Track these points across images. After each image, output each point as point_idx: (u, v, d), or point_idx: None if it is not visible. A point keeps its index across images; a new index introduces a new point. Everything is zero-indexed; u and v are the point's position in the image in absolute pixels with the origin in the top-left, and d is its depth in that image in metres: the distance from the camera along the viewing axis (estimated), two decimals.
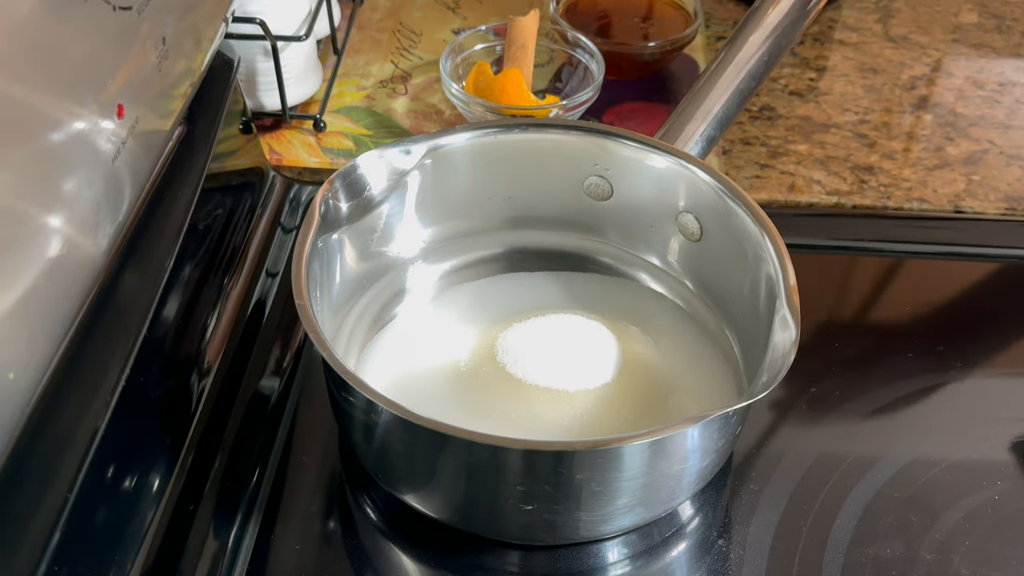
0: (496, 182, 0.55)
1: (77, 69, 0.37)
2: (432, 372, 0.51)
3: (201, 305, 0.51)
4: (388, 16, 0.82)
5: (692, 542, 0.48)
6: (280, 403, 0.53)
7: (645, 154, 0.51)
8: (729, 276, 0.50)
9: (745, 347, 0.49)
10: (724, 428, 0.43)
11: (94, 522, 0.40)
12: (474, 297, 0.55)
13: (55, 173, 0.36)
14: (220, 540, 0.47)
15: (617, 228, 0.55)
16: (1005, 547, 0.47)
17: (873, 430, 0.53)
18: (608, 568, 0.47)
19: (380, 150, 0.50)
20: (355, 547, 0.48)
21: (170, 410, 0.48)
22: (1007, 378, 0.56)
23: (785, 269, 0.43)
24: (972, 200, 0.66)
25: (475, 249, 0.56)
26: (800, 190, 0.66)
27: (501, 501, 0.42)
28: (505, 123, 0.54)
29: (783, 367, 0.38)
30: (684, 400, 0.49)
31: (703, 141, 0.52)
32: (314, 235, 0.46)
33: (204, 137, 0.52)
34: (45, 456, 0.36)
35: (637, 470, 0.40)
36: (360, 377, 0.40)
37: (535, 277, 0.56)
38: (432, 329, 0.53)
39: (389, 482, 0.46)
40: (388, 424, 0.42)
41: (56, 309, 0.36)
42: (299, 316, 0.42)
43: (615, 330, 0.51)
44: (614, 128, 0.52)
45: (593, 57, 0.68)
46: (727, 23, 0.81)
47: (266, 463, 0.50)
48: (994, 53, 0.79)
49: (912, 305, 0.60)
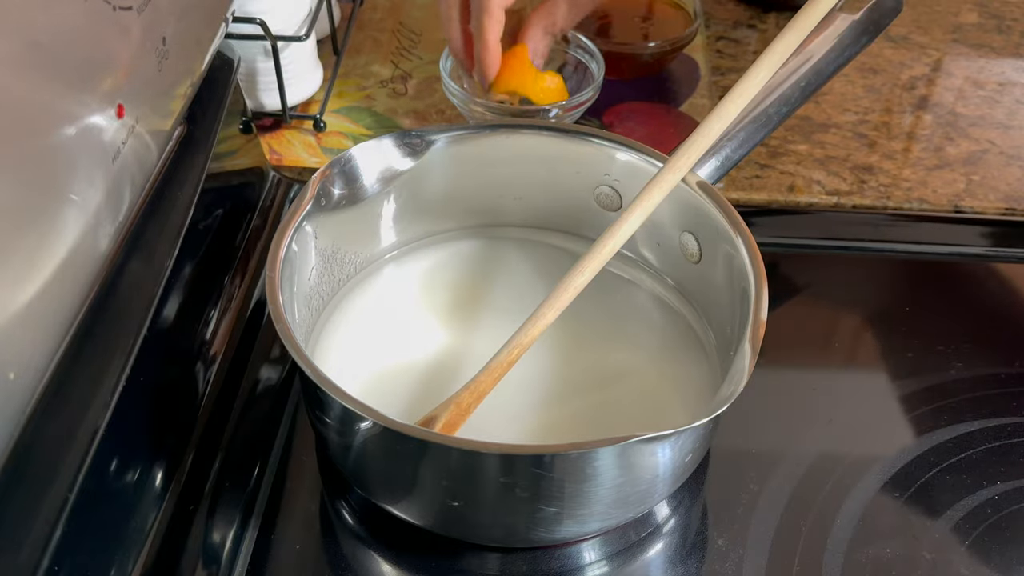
0: (496, 182, 0.55)
1: (77, 69, 0.37)
2: (407, 372, 0.51)
3: (201, 305, 0.51)
4: (388, 16, 0.82)
5: (675, 542, 0.48)
6: (280, 403, 0.53)
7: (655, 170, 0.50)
8: (720, 300, 0.49)
9: (725, 367, 0.49)
10: (676, 442, 0.42)
11: (94, 522, 0.40)
12: (455, 296, 0.55)
13: (55, 173, 0.36)
14: (220, 540, 0.47)
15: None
16: (1005, 547, 0.47)
17: (873, 430, 0.53)
18: (586, 568, 0.47)
19: (377, 141, 0.50)
20: (356, 547, 0.48)
21: (170, 410, 0.48)
22: (1007, 378, 0.56)
23: (760, 303, 0.43)
24: (972, 200, 0.66)
25: (458, 247, 0.57)
26: (800, 190, 0.66)
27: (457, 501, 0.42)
28: (507, 123, 0.54)
29: (729, 398, 0.38)
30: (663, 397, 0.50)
31: (717, 162, 0.51)
32: (302, 217, 0.46)
33: (204, 137, 0.52)
34: (45, 456, 0.36)
35: (608, 474, 0.40)
36: (330, 377, 0.40)
37: (517, 275, 0.56)
38: (407, 327, 0.53)
39: (365, 489, 0.46)
40: (361, 427, 0.42)
41: (56, 309, 0.36)
42: (267, 296, 0.42)
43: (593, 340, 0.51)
44: (626, 139, 0.52)
45: (593, 57, 0.68)
46: (727, 23, 0.81)
47: (266, 463, 0.50)
48: (994, 53, 0.79)
49: (912, 305, 0.60)
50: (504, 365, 0.45)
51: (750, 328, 0.42)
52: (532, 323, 0.46)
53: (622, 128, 0.70)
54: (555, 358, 0.51)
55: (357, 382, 0.49)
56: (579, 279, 0.46)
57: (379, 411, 0.39)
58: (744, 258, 0.45)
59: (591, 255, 0.46)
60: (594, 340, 0.52)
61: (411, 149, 0.51)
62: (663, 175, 0.47)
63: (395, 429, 0.39)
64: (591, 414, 0.49)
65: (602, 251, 0.46)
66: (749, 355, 0.40)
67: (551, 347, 0.51)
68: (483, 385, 0.45)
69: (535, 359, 0.49)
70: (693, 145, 0.47)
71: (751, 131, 0.51)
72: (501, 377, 0.45)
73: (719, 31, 0.81)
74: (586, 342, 0.52)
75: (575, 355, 0.51)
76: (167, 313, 0.47)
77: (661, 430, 0.37)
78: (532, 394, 0.49)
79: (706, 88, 0.75)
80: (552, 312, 0.46)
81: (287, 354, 0.56)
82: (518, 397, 0.48)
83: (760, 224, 0.64)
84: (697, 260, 0.51)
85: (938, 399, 0.54)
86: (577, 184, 0.54)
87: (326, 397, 0.40)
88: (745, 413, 0.51)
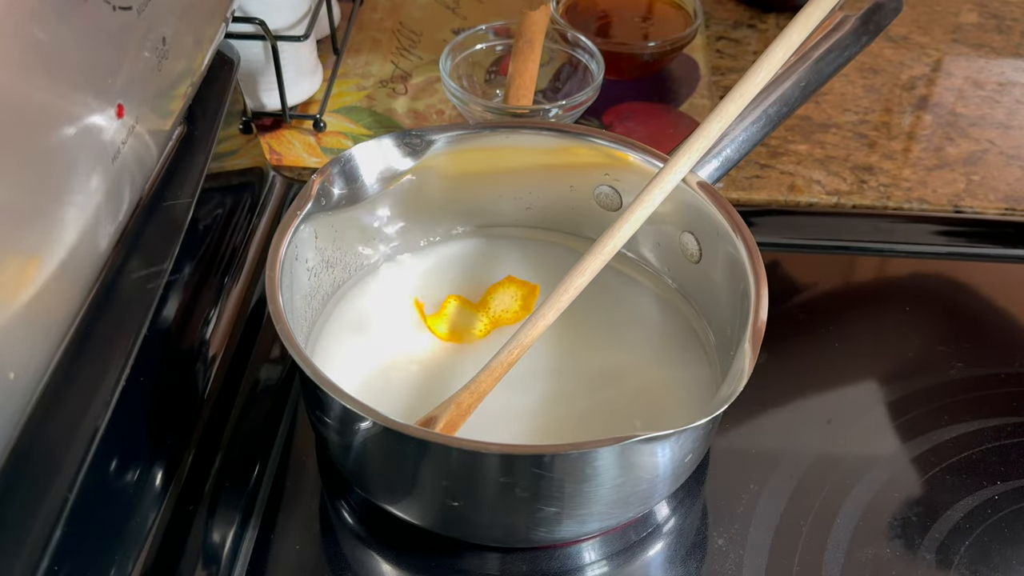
0: (496, 182, 0.55)
1: (77, 69, 0.37)
2: (407, 372, 0.50)
3: (201, 305, 0.51)
4: (388, 16, 0.82)
5: (675, 542, 0.48)
6: (280, 403, 0.54)
7: (655, 170, 0.50)
8: (720, 300, 0.49)
9: (724, 367, 0.49)
10: (676, 442, 0.42)
11: (94, 522, 0.40)
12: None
13: (55, 173, 0.36)
14: (220, 540, 0.47)
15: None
16: (1005, 547, 0.47)
17: (873, 430, 0.53)
18: (586, 568, 0.47)
19: (376, 140, 0.50)
20: (356, 547, 0.48)
21: (171, 410, 0.48)
22: (1007, 378, 0.56)
23: (760, 303, 0.43)
24: (972, 200, 0.66)
25: (458, 247, 0.57)
26: (800, 190, 0.66)
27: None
28: (507, 124, 0.54)
29: (729, 398, 0.38)
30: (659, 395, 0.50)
31: (717, 162, 0.51)
32: (302, 217, 0.46)
33: (204, 137, 0.52)
34: (45, 456, 0.36)
35: (608, 474, 0.40)
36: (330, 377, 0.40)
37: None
38: (407, 327, 0.53)
39: (365, 489, 0.46)
40: (361, 427, 0.42)
41: (56, 309, 0.36)
42: (267, 296, 0.42)
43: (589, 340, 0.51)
44: (626, 139, 0.52)
45: (593, 57, 0.68)
46: (727, 23, 0.81)
47: (266, 463, 0.50)
48: (994, 53, 0.79)
49: (912, 305, 0.61)
50: (504, 365, 0.45)
51: (750, 328, 0.42)
52: (532, 323, 0.46)
53: (622, 128, 0.70)
54: (555, 358, 0.51)
55: (357, 382, 0.49)
56: (579, 279, 0.46)
57: (379, 411, 0.39)
58: (744, 258, 0.45)
59: (591, 255, 0.46)
60: (594, 340, 0.52)
61: (411, 149, 0.51)
62: (663, 175, 0.47)
63: (395, 429, 0.39)
64: (591, 414, 0.49)
65: (602, 251, 0.46)
66: (749, 355, 0.40)
67: (551, 347, 0.51)
68: (483, 385, 0.45)
69: (535, 359, 0.49)
70: (693, 145, 0.47)
71: (751, 131, 0.51)
72: (501, 377, 0.45)
73: (719, 31, 0.81)
74: (586, 342, 0.52)
75: (575, 355, 0.51)
76: (167, 313, 0.47)
77: (661, 430, 0.37)
78: (532, 394, 0.49)
79: (706, 88, 0.75)
80: (552, 312, 0.46)
81: (287, 354, 0.55)
82: (518, 397, 0.48)
83: (760, 224, 0.64)
84: (697, 260, 0.51)
85: (938, 399, 0.54)
86: (577, 184, 0.54)
87: (326, 397, 0.40)
88: (745, 413, 0.52)
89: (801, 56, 0.51)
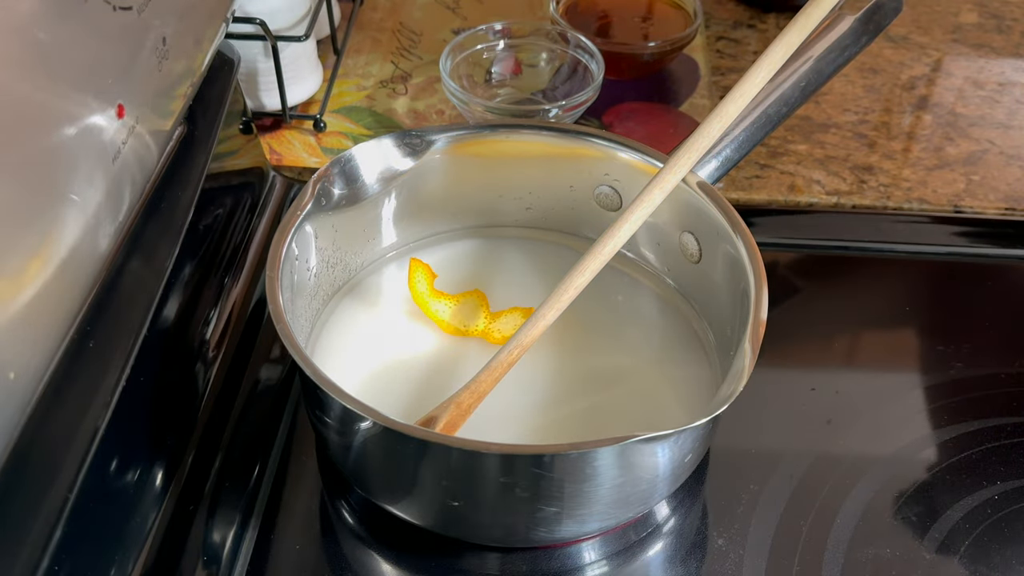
0: (496, 182, 0.55)
1: (77, 69, 0.37)
2: (407, 372, 0.50)
3: (202, 305, 0.51)
4: (388, 16, 0.82)
5: (675, 542, 0.48)
6: (280, 403, 0.54)
7: (655, 170, 0.50)
8: (720, 300, 0.49)
9: (724, 367, 0.49)
10: (676, 442, 0.42)
11: (94, 522, 0.40)
12: None
13: (55, 173, 0.36)
14: (220, 540, 0.47)
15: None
16: (1005, 547, 0.47)
17: (873, 430, 0.53)
18: (586, 568, 0.47)
19: (377, 140, 0.50)
20: (356, 547, 0.48)
21: (171, 410, 0.48)
22: (1007, 378, 0.56)
23: (760, 303, 0.43)
24: (972, 200, 0.66)
25: (458, 247, 0.57)
26: (800, 190, 0.66)
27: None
28: (507, 123, 0.54)
29: (729, 398, 0.38)
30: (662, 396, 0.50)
31: (717, 162, 0.51)
32: (302, 217, 0.46)
33: (204, 137, 0.52)
34: (45, 456, 0.36)
35: (608, 474, 0.41)
36: (330, 377, 0.40)
37: (517, 275, 0.56)
38: (407, 327, 0.53)
39: (365, 489, 0.46)
40: (361, 427, 0.42)
41: (57, 309, 0.36)
42: (267, 296, 0.42)
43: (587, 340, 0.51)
44: (626, 139, 0.52)
45: (593, 57, 0.68)
46: (727, 23, 0.81)
47: (266, 463, 0.50)
48: (994, 53, 0.79)
49: (912, 305, 0.61)
50: (504, 365, 0.45)
51: (750, 328, 0.42)
52: (532, 323, 0.46)
53: (622, 128, 0.70)
54: (555, 358, 0.51)
55: (357, 382, 0.49)
56: (579, 279, 0.46)
57: (379, 411, 0.39)
58: (744, 258, 0.45)
59: (591, 255, 0.46)
60: (594, 340, 0.52)
61: (411, 149, 0.51)
62: (663, 175, 0.47)
63: (395, 429, 0.39)
64: (591, 414, 0.49)
65: (602, 251, 0.46)
66: (749, 355, 0.40)
67: (551, 347, 0.51)
68: (483, 385, 0.45)
69: (535, 359, 0.49)
70: (693, 145, 0.47)
71: (751, 131, 0.51)
72: (501, 377, 0.45)
73: (719, 31, 0.81)
74: (586, 342, 0.52)
75: (575, 355, 0.51)
76: (167, 313, 0.47)
77: (661, 430, 0.37)
78: (532, 394, 0.49)
79: (706, 88, 0.75)
80: (552, 312, 0.46)
81: (287, 354, 0.56)
82: (518, 397, 0.48)
83: (760, 224, 0.64)
84: (697, 260, 0.51)
85: (938, 399, 0.54)
86: (577, 184, 0.54)
87: (326, 397, 0.40)
88: (745, 413, 0.51)
89: (801, 56, 0.51)
